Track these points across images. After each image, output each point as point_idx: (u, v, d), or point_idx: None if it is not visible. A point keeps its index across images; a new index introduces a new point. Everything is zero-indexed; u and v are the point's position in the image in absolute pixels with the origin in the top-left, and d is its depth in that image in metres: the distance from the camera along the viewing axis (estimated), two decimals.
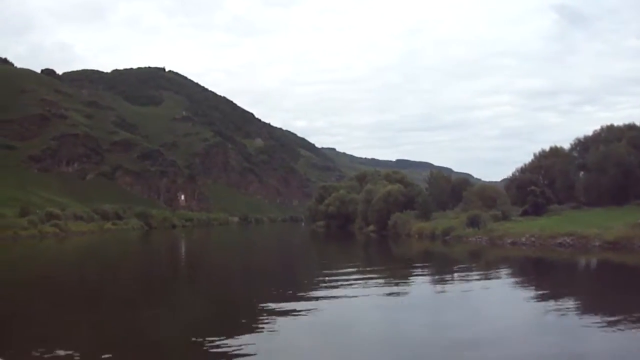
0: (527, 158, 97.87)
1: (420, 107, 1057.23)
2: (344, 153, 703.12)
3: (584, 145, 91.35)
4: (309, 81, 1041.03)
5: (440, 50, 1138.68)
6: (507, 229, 64.04)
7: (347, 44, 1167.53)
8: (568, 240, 54.43)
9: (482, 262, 49.39)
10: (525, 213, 76.25)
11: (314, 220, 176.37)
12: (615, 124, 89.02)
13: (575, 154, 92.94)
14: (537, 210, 75.57)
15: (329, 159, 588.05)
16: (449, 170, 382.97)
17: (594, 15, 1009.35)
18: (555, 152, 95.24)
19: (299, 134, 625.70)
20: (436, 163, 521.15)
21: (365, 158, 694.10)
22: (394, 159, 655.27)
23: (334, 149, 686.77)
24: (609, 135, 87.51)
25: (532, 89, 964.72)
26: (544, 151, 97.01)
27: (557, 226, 58.67)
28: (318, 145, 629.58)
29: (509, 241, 60.24)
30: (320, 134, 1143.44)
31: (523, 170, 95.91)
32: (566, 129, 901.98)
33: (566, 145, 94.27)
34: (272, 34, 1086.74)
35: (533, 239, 57.61)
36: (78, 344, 18.99)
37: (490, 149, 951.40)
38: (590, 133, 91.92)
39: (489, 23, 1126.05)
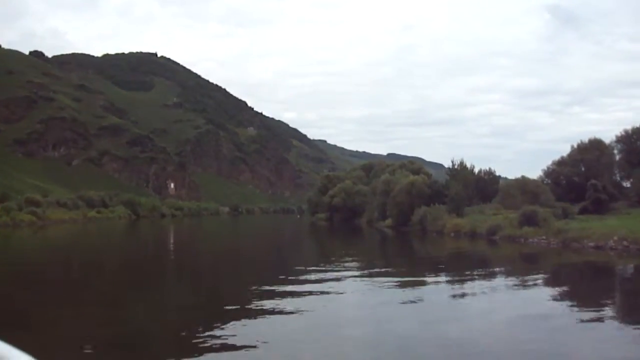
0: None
1: (412, 102, 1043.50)
2: (335, 145, 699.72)
3: (629, 138, 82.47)
4: (301, 73, 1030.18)
5: (434, 47, 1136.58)
6: (583, 229, 52.96)
7: (341, 37, 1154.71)
8: None
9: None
10: (584, 211, 66.18)
11: (315, 212, 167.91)
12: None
13: (619, 147, 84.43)
14: (599, 207, 65.57)
15: (320, 150, 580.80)
16: (440, 165, 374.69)
17: (586, 16, 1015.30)
18: (597, 144, 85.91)
19: (291, 125, 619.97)
20: (427, 158, 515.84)
21: (357, 151, 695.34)
22: (385, 153, 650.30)
23: (325, 141, 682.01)
24: None
25: (524, 88, 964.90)
26: (583, 143, 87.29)
27: None
28: (310, 136, 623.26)
29: (590, 244, 49.06)
30: (311, 126, 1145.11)
31: (560, 164, 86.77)
32: (557, 129, 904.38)
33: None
34: (266, 26, 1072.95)
35: (626, 242, 46.54)
36: (60, 337, 18.79)
37: (480, 146, 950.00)
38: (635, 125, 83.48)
39: (482, 22, 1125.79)
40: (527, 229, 58.76)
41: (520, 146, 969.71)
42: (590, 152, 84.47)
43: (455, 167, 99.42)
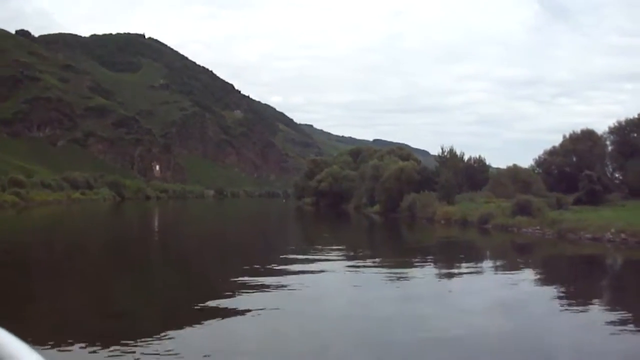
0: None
1: (400, 89, 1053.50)
2: (321, 130, 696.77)
3: (622, 129, 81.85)
4: (288, 56, 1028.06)
5: (423, 34, 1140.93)
6: (579, 220, 51.84)
7: (330, 22, 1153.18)
8: None
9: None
10: (578, 201, 65.15)
11: (301, 197, 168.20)
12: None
13: (612, 138, 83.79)
14: (593, 199, 64.54)
15: (307, 135, 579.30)
16: (425, 152, 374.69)
17: (576, 9, 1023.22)
18: (589, 135, 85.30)
19: (277, 109, 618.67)
20: (413, 145, 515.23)
21: (343, 136, 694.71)
22: (371, 139, 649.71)
23: (311, 126, 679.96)
24: None
25: (511, 77, 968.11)
26: (575, 133, 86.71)
27: None
28: (296, 120, 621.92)
29: (587, 236, 47.97)
30: (298, 110, 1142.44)
31: (552, 153, 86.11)
32: (543, 119, 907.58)
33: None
34: (254, 8, 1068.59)
35: (624, 235, 45.40)
36: (39, 323, 17.79)
37: (466, 134, 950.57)
38: (629, 117, 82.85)
39: (472, 10, 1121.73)
40: (520, 218, 57.72)
41: (507, 135, 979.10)
42: (582, 142, 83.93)
43: (445, 154, 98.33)
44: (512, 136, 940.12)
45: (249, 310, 19.22)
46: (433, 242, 55.49)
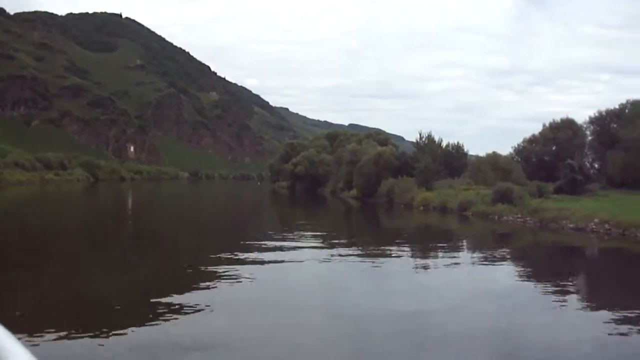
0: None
1: (377, 74, 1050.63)
2: (297, 114, 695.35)
3: (603, 120, 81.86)
4: (265, 40, 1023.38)
5: (402, 19, 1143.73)
6: (562, 209, 51.23)
7: (308, 6, 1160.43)
8: None
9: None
10: (559, 190, 64.60)
11: (276, 180, 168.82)
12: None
13: (592, 128, 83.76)
14: (574, 188, 64.02)
15: (282, 118, 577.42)
16: (401, 138, 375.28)
17: None
18: (569, 124, 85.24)
19: (254, 92, 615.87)
20: (388, 130, 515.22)
21: (318, 120, 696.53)
22: (346, 124, 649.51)
23: (287, 109, 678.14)
24: (635, 109, 78.55)
25: (489, 66, 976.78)
26: (555, 122, 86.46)
27: (630, 212, 46.29)
28: (272, 104, 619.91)
29: (570, 225, 47.37)
30: (273, 93, 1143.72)
31: (531, 141, 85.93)
32: (520, 107, 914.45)
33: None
34: None
35: (607, 225, 44.78)
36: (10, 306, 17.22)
37: (442, 121, 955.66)
38: (612, 107, 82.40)
39: None
40: (501, 206, 57.30)
41: (483, 123, 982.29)
42: (562, 131, 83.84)
43: (423, 139, 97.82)
44: (488, 123, 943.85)
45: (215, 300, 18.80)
46: (412, 227, 55.32)
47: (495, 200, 58.74)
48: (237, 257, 27.52)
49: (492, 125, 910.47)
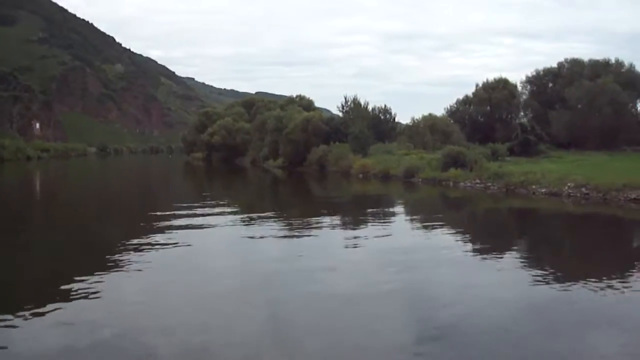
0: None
1: (280, 42, 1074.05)
2: (203, 83, 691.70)
3: (540, 79, 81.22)
4: (167, 10, 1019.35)
5: None
6: (527, 173, 47.59)
7: None
8: None
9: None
10: (511, 152, 62.32)
11: (190, 152, 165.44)
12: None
13: (529, 87, 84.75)
14: (527, 149, 61.61)
15: (189, 87, 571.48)
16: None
17: None
18: (503, 83, 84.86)
19: (159, 62, 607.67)
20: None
21: (225, 89, 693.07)
22: (253, 92, 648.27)
23: (193, 79, 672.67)
24: (574, 69, 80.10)
25: (391, 31, 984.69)
26: (488, 82, 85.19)
27: (598, 173, 43.31)
28: (178, 73, 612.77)
29: (542, 190, 43.84)
30: (178, 63, 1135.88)
31: (465, 102, 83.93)
32: (423, 72, 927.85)
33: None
34: None
35: (584, 189, 41.26)
36: None
37: (346, 86, 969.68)
38: (547, 66, 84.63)
39: None
40: (454, 171, 54.53)
41: (386, 87, 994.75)
42: (498, 91, 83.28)
43: (349, 103, 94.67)
44: (392, 88, 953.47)
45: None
46: (348, 196, 54.22)
47: (446, 164, 55.73)
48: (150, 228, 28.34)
49: (396, 90, 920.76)
